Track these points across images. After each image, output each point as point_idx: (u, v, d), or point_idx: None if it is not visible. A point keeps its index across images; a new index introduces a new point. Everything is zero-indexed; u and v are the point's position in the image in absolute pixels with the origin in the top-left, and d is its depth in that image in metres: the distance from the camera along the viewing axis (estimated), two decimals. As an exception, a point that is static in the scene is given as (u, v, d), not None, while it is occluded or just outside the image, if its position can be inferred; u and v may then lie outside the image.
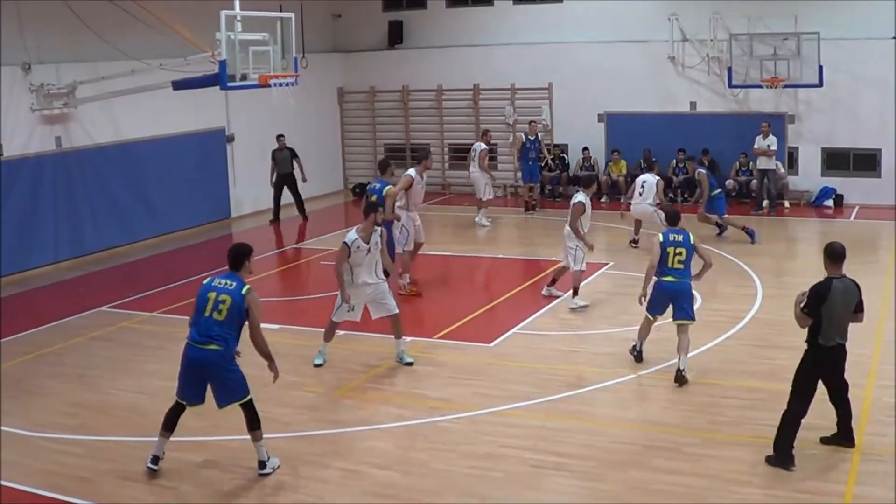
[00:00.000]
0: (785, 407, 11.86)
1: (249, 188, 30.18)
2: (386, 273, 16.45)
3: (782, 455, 11.72)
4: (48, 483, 12.13)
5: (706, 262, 15.55)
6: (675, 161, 30.64)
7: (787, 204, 29.66)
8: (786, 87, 29.17)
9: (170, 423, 12.25)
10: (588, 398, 14.55)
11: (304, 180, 29.56)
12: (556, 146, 32.67)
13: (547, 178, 32.33)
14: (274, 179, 29.31)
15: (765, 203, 28.90)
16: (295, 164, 29.55)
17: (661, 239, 15.32)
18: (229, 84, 20.70)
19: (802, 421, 11.77)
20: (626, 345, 16.98)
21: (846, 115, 29.33)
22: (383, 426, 13.89)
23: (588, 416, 13.90)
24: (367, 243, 15.64)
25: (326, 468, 12.34)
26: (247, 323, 11.92)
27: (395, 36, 34.95)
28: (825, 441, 12.21)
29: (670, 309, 15.37)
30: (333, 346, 16.53)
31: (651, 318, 15.62)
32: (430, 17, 34.77)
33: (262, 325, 11.92)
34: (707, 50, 30.37)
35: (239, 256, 12.14)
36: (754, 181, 29.60)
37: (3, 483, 12.18)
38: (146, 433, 13.06)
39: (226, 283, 11.94)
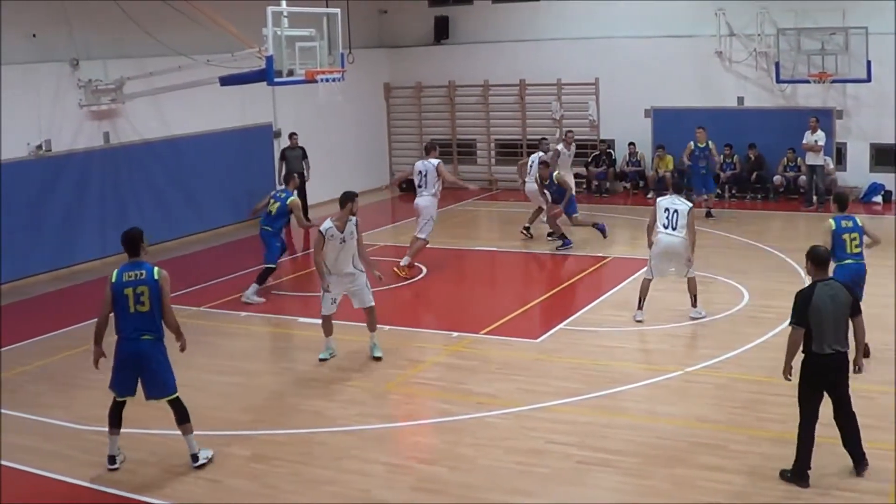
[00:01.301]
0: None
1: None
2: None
3: (796, 475, 11.37)
4: (93, 475, 12.26)
5: (875, 241, 15.54)
6: (721, 157, 30.45)
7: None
8: (833, 82, 28.93)
9: (115, 420, 12.42)
10: (634, 394, 14.51)
11: (306, 179, 29.10)
12: (601, 141, 32.61)
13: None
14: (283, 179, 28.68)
15: (814, 199, 28.70)
16: (305, 165, 29.02)
17: (834, 226, 15.21)
18: (276, 80, 20.77)
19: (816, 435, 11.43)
20: (672, 341, 16.99)
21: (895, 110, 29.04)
22: (429, 421, 13.93)
23: (634, 412, 13.87)
24: (342, 233, 15.73)
25: (373, 463, 12.37)
26: None
27: (441, 31, 34.96)
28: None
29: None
30: (381, 341, 16.58)
31: None
32: (475, 12, 34.75)
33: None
34: (754, 45, 30.18)
35: (135, 241, 12.27)
36: (802, 177, 29.40)
37: (49, 474, 12.38)
38: (194, 427, 13.16)
39: (136, 275, 12.03)
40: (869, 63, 27.84)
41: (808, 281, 19.47)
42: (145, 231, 20.83)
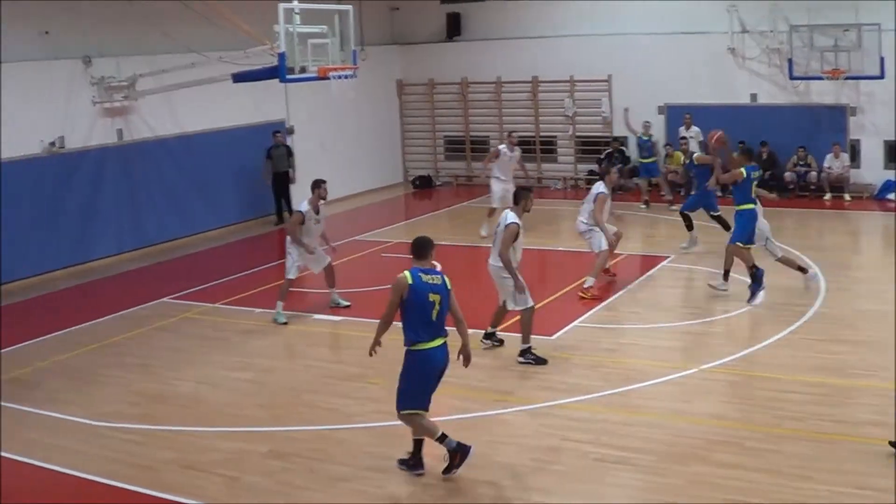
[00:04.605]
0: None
1: (309, 180, 30.13)
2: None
3: None
4: (110, 471, 12.27)
5: None
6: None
7: (847, 197, 29.30)
8: (847, 78, 28.84)
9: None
10: (650, 392, 14.48)
11: (292, 181, 29.04)
12: (615, 139, 32.54)
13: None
14: (270, 179, 28.64)
15: (826, 196, 28.61)
16: (290, 163, 28.95)
17: None
18: (288, 77, 20.72)
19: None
20: (687, 338, 16.94)
21: (909, 106, 28.94)
22: (445, 418, 13.90)
23: (650, 409, 13.83)
24: (318, 214, 19.04)
25: (389, 459, 12.34)
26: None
27: (454, 28, 34.93)
28: None
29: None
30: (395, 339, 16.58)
31: None
32: (488, 8, 34.68)
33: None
34: (767, 41, 30.11)
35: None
36: (812, 173, 29.33)
37: (66, 471, 12.41)
38: (208, 423, 13.18)
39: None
40: (882, 59, 27.74)
41: (823, 279, 19.57)
42: (159, 228, 21.23)
